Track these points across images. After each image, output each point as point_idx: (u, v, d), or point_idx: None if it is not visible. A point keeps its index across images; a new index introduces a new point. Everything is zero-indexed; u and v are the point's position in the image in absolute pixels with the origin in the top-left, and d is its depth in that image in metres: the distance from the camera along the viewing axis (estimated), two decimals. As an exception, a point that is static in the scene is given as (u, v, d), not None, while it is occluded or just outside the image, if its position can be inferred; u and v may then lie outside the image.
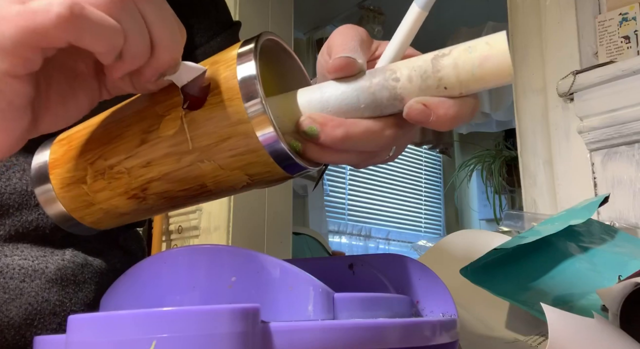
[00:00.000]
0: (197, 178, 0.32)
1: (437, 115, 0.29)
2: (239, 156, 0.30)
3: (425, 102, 0.29)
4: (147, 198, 0.34)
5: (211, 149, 0.30)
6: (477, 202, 3.19)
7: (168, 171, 0.32)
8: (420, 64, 0.30)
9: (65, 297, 0.43)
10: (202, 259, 0.30)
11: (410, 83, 0.30)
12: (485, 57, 0.28)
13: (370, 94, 0.30)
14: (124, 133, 0.33)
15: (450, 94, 0.29)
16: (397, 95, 0.30)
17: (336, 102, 0.31)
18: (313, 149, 0.31)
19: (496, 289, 0.47)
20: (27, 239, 0.43)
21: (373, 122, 0.31)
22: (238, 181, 0.32)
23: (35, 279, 0.42)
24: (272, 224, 1.58)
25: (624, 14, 1.15)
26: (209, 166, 0.31)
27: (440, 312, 0.36)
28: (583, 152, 1.16)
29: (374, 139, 0.31)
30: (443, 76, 0.29)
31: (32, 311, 0.41)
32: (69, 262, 0.44)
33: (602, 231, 0.65)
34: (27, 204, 0.43)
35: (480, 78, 0.29)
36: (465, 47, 0.29)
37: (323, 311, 0.28)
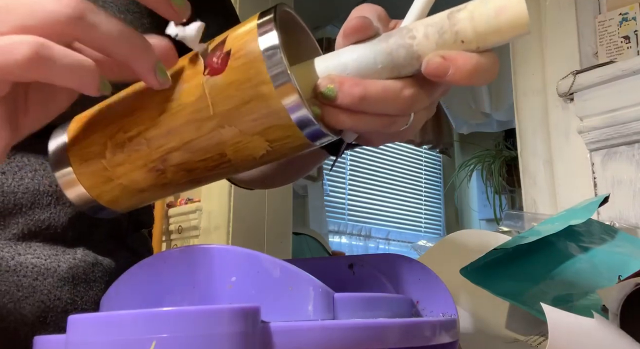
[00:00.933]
0: (217, 146, 0.32)
1: (455, 66, 0.29)
2: (260, 119, 0.30)
3: (444, 54, 0.29)
4: (166, 170, 0.34)
5: (232, 113, 0.30)
6: (477, 202, 3.19)
7: (188, 139, 0.32)
8: (436, 20, 0.30)
9: (76, 295, 0.43)
10: (202, 259, 0.30)
11: (427, 39, 0.30)
12: (501, 7, 0.28)
13: (387, 54, 0.30)
14: (144, 104, 0.33)
15: (467, 47, 0.29)
16: (414, 53, 0.30)
17: (354, 65, 0.31)
18: (331, 112, 0.31)
19: (496, 289, 0.47)
20: (39, 238, 0.43)
21: (391, 82, 0.30)
22: (258, 148, 0.32)
23: (48, 277, 0.42)
24: (272, 224, 1.59)
25: (624, 14, 1.15)
26: (230, 131, 0.31)
27: (440, 312, 0.36)
28: (583, 152, 1.16)
29: (392, 98, 0.30)
30: (459, 30, 0.29)
31: (44, 309, 0.41)
32: (80, 261, 0.44)
33: (602, 231, 0.65)
34: (39, 203, 0.43)
35: (497, 29, 0.28)
36: (479, 0, 0.29)
37: (323, 311, 0.28)
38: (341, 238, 2.76)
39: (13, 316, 0.40)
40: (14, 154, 0.43)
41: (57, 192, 0.44)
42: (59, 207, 0.44)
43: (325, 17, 2.59)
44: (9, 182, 0.42)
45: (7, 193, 0.42)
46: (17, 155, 0.43)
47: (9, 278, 0.40)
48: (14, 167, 0.43)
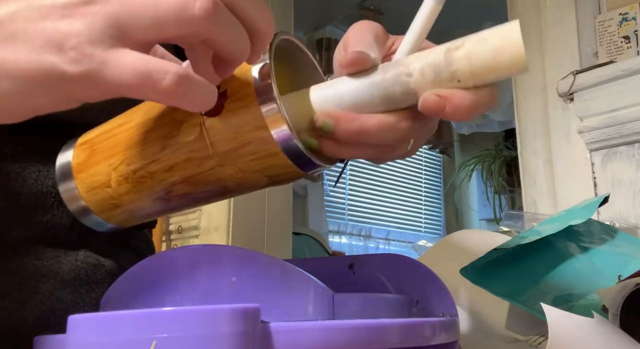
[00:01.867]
0: (219, 181, 0.33)
1: (452, 105, 0.29)
2: (259, 160, 0.31)
3: (440, 93, 0.29)
4: (171, 200, 0.35)
5: (231, 154, 0.31)
6: (477, 202, 3.19)
7: (190, 174, 0.32)
8: (433, 58, 0.29)
9: (78, 297, 0.43)
10: (202, 259, 0.30)
11: (423, 77, 0.29)
12: (499, 49, 0.28)
13: (383, 89, 0.30)
14: (145, 139, 0.33)
15: (464, 86, 0.29)
16: (410, 90, 0.30)
17: (350, 98, 0.31)
18: (330, 145, 0.31)
19: (496, 289, 0.47)
20: (41, 240, 0.43)
21: (387, 116, 0.30)
22: (258, 182, 0.33)
23: (50, 279, 0.42)
24: (272, 224, 1.58)
25: (624, 14, 1.15)
26: (230, 169, 0.32)
27: (440, 312, 0.36)
28: (583, 152, 1.16)
29: (389, 132, 0.30)
30: (456, 70, 0.29)
31: (46, 311, 0.41)
32: (82, 263, 0.44)
33: (602, 231, 0.65)
34: (42, 205, 0.43)
35: (494, 70, 0.28)
36: (478, 38, 0.29)
37: (323, 311, 0.28)
38: (341, 238, 2.76)
39: (15, 318, 0.39)
40: (18, 155, 0.43)
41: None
42: (62, 209, 0.43)
43: (325, 17, 2.59)
44: (12, 183, 0.42)
45: (10, 195, 0.42)
46: (21, 156, 0.43)
47: (10, 280, 0.40)
48: (17, 169, 0.43)
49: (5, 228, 0.42)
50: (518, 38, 0.27)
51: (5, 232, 0.42)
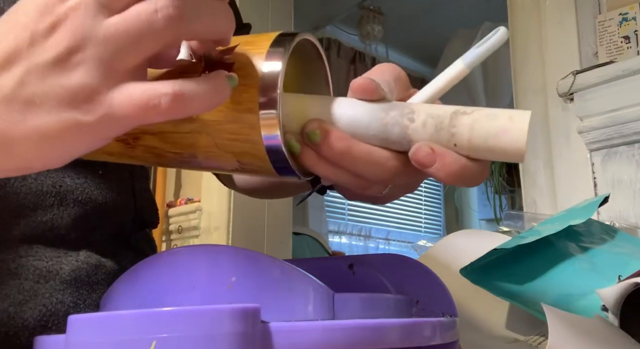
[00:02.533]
0: (191, 147, 0.32)
1: (442, 162, 0.29)
2: (237, 142, 0.31)
3: (434, 147, 0.29)
4: (136, 147, 0.34)
5: (213, 126, 0.30)
6: (477, 202, 3.19)
7: (165, 130, 0.32)
8: (439, 113, 0.30)
9: (79, 298, 0.43)
10: (202, 259, 0.30)
11: (424, 128, 0.29)
12: (503, 130, 0.28)
13: (382, 125, 0.30)
14: None
15: (458, 151, 0.29)
16: (407, 135, 0.30)
17: (347, 120, 0.31)
18: (310, 155, 0.31)
19: (496, 289, 0.47)
20: (41, 240, 0.43)
21: (377, 149, 0.30)
22: (228, 164, 0.33)
23: (50, 280, 0.41)
24: (272, 224, 1.58)
25: (624, 14, 1.15)
26: (206, 140, 0.31)
27: (440, 312, 0.36)
28: (583, 152, 1.16)
29: (374, 165, 0.30)
30: (456, 133, 0.29)
31: (46, 312, 0.40)
32: (83, 263, 0.44)
33: (602, 231, 0.65)
34: (42, 204, 0.43)
35: (491, 148, 0.28)
36: (488, 112, 0.29)
37: (323, 311, 0.28)
38: (341, 238, 2.76)
39: (14, 320, 0.39)
40: None
41: (61, 193, 0.43)
42: (63, 208, 0.43)
43: (325, 17, 2.59)
44: (11, 182, 0.42)
45: (9, 194, 0.42)
46: None
47: (10, 281, 0.40)
48: None
49: (5, 228, 0.41)
50: (524, 126, 0.28)
51: (4, 232, 0.41)
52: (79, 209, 0.44)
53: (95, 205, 0.45)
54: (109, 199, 0.46)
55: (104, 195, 0.46)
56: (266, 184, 0.61)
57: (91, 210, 0.45)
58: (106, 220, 0.47)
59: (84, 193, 0.45)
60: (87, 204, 0.45)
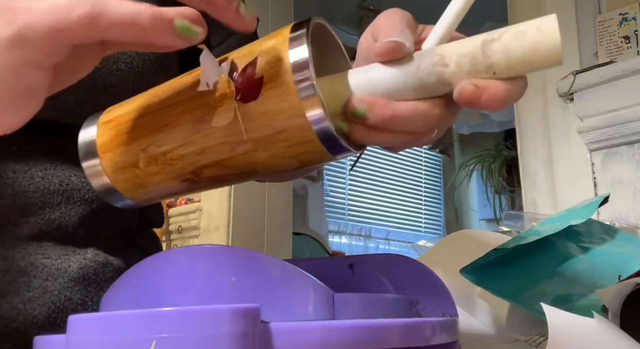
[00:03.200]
0: (251, 165, 0.32)
1: (488, 94, 0.29)
2: (293, 147, 0.31)
3: (476, 82, 0.29)
4: (200, 181, 0.34)
5: (266, 140, 0.31)
6: (477, 202, 3.19)
7: (222, 158, 0.32)
8: (469, 49, 0.29)
9: (87, 296, 0.43)
10: (202, 259, 0.30)
11: (459, 69, 0.29)
12: (537, 44, 0.28)
13: (417, 79, 0.30)
14: (176, 121, 0.33)
15: (498, 77, 0.29)
16: (445, 80, 0.30)
17: (383, 86, 0.31)
18: (360, 131, 0.31)
19: (496, 289, 0.47)
20: (50, 238, 0.43)
21: (421, 103, 0.30)
22: (289, 166, 0.33)
23: (58, 278, 0.42)
24: (272, 224, 1.58)
25: (624, 14, 1.15)
26: (263, 154, 0.32)
27: (440, 312, 0.36)
28: (583, 152, 1.16)
29: (421, 118, 0.31)
30: (493, 62, 0.29)
31: (55, 310, 0.41)
32: (90, 261, 0.44)
33: (602, 231, 0.65)
34: (49, 202, 0.43)
35: (531, 63, 0.29)
36: (516, 32, 0.29)
37: (323, 311, 0.28)
38: (341, 238, 2.76)
39: (23, 317, 0.39)
40: (24, 154, 0.43)
41: (68, 192, 0.44)
42: (70, 207, 0.44)
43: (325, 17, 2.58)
44: (19, 181, 0.42)
45: (17, 192, 0.42)
46: (27, 155, 0.43)
47: (19, 279, 0.40)
48: (24, 166, 0.43)
49: (13, 226, 0.42)
50: (555, 33, 0.28)
51: (13, 230, 0.42)
52: (85, 207, 0.44)
53: (102, 204, 0.45)
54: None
55: None
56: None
57: (97, 208, 0.45)
58: (112, 219, 0.47)
59: (90, 191, 0.45)
60: (93, 202, 0.45)
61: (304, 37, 0.30)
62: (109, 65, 0.44)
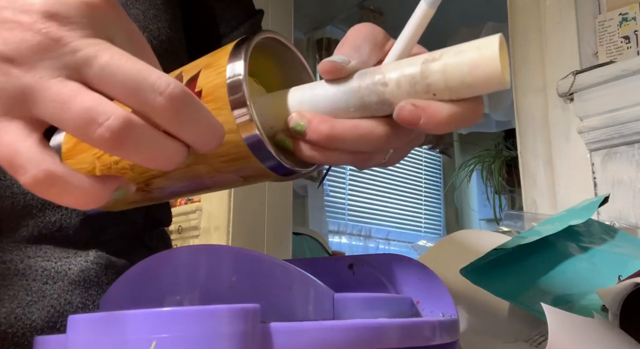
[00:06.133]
0: (196, 177, 0.33)
1: (427, 116, 0.28)
2: (231, 162, 0.31)
3: (415, 103, 0.28)
4: (152, 191, 0.35)
5: (205, 155, 0.31)
6: (477, 202, 3.19)
7: (167, 170, 0.32)
8: (409, 69, 0.29)
9: (88, 299, 0.42)
10: (202, 259, 0.30)
11: (399, 89, 0.29)
12: (475, 64, 0.27)
13: (359, 98, 0.30)
14: None
15: (440, 99, 0.28)
16: (386, 100, 0.29)
17: (325, 104, 0.31)
18: (303, 147, 0.31)
19: (496, 289, 0.47)
20: (50, 240, 0.42)
21: (362, 121, 0.30)
22: (234, 181, 0.34)
23: (58, 281, 0.41)
24: (272, 224, 1.58)
25: (624, 14, 1.15)
26: (205, 168, 0.32)
27: (440, 312, 0.36)
28: (583, 152, 1.16)
29: (363, 138, 0.30)
30: (432, 82, 0.28)
31: (54, 313, 0.40)
32: (92, 263, 0.43)
33: (602, 231, 0.65)
34: (49, 204, 0.42)
35: (470, 85, 0.27)
36: (455, 51, 0.28)
37: (323, 311, 0.28)
38: (341, 238, 2.76)
39: (21, 321, 0.39)
40: None
41: None
42: (70, 209, 0.43)
43: (325, 17, 2.59)
44: (18, 183, 0.42)
45: (16, 194, 0.41)
46: None
47: (17, 282, 0.40)
48: None
49: (13, 228, 0.41)
50: (494, 52, 0.26)
51: (12, 232, 0.41)
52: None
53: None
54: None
55: None
56: None
57: (99, 210, 0.45)
58: (116, 219, 0.47)
59: None
60: None
61: (243, 53, 0.30)
62: None
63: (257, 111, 0.30)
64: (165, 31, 0.48)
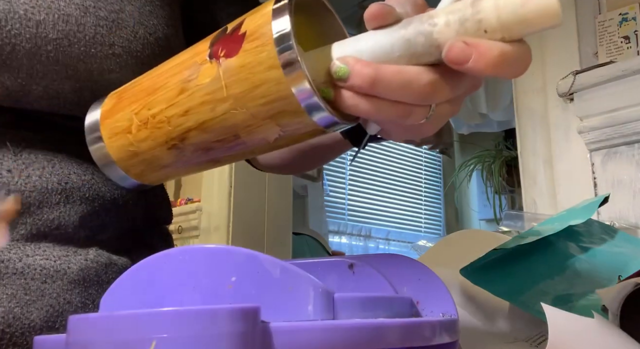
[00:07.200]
0: (231, 128, 0.33)
1: (478, 52, 0.27)
2: (271, 104, 0.30)
3: (466, 40, 0.27)
4: (185, 149, 0.35)
5: (244, 97, 0.31)
6: (477, 202, 3.19)
7: (204, 119, 0.33)
8: (459, 7, 0.28)
9: (87, 298, 0.42)
10: (202, 259, 0.30)
11: (448, 27, 0.28)
12: None
13: (405, 41, 0.29)
14: (167, 83, 0.34)
15: (491, 37, 0.27)
16: (434, 40, 0.28)
17: (370, 51, 0.30)
18: (345, 95, 0.30)
19: (496, 289, 0.47)
20: (49, 239, 0.42)
21: (407, 67, 0.29)
22: (270, 132, 0.32)
23: (57, 280, 0.41)
24: (272, 224, 1.58)
25: (624, 14, 1.15)
26: (242, 114, 0.31)
27: (440, 312, 0.36)
28: (583, 152, 1.16)
29: (407, 83, 0.29)
30: (483, 18, 0.27)
31: (53, 313, 0.40)
32: (92, 262, 0.43)
33: (602, 231, 0.65)
34: (47, 202, 0.42)
35: (524, 19, 0.26)
36: None
37: (323, 311, 0.28)
38: (341, 238, 2.76)
39: (20, 321, 0.38)
40: (20, 151, 0.42)
41: (67, 190, 0.43)
42: (69, 206, 0.43)
43: (325, 17, 2.59)
44: (15, 180, 0.41)
45: (13, 192, 0.41)
46: (24, 152, 0.42)
47: (16, 281, 0.39)
48: (20, 165, 0.42)
49: (11, 226, 0.41)
50: None
51: (10, 231, 0.41)
52: (86, 206, 0.44)
53: (104, 202, 0.45)
54: (117, 196, 0.46)
55: (112, 191, 0.45)
56: (294, 153, 0.60)
57: (99, 207, 0.45)
58: (116, 217, 0.46)
59: (91, 190, 0.44)
60: (94, 201, 0.44)
61: (289, 1, 0.30)
62: (104, 49, 0.43)
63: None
64: (162, 28, 0.48)
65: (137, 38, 0.45)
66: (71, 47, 0.42)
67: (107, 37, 0.43)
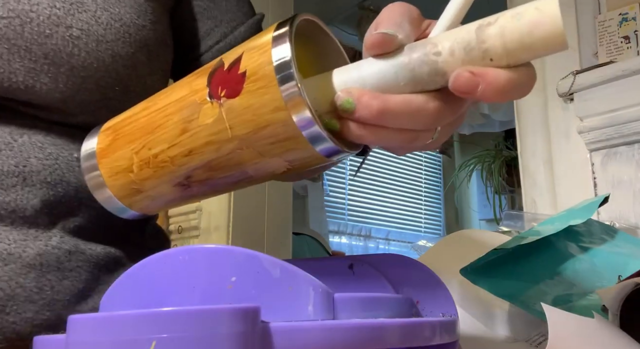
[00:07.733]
0: (238, 165, 0.32)
1: (486, 82, 0.27)
2: (278, 143, 0.30)
3: (472, 70, 0.27)
4: (192, 185, 0.34)
5: (250, 137, 0.30)
6: (477, 202, 3.19)
7: (209, 159, 0.32)
8: (463, 35, 0.28)
9: (45, 284, 0.41)
10: (202, 259, 0.30)
11: (453, 56, 0.28)
12: (535, 24, 0.26)
13: (409, 71, 0.29)
14: (166, 122, 0.33)
15: (496, 65, 0.27)
16: (439, 70, 0.28)
17: (374, 80, 0.29)
18: (352, 127, 0.30)
19: (496, 289, 0.47)
20: (5, 222, 0.41)
21: (414, 96, 0.29)
22: (278, 167, 0.32)
23: (10, 263, 0.40)
24: (272, 224, 1.58)
25: (624, 14, 1.15)
26: (249, 153, 0.31)
27: (440, 312, 0.36)
28: (583, 152, 1.16)
29: (415, 112, 0.29)
30: (489, 47, 0.27)
31: (3, 296, 0.39)
32: (53, 248, 0.42)
33: (602, 231, 0.65)
34: (3, 184, 0.41)
35: (530, 47, 0.26)
36: (512, 14, 0.27)
37: (323, 311, 0.28)
38: (341, 238, 2.76)
39: None
40: None
41: (25, 173, 0.42)
42: (28, 189, 0.42)
43: (325, 17, 2.59)
44: None
45: None
46: None
47: None
48: None
49: None
50: (555, 11, 0.25)
51: None
52: (47, 190, 0.43)
53: (69, 188, 0.44)
54: (84, 182, 0.43)
55: (78, 178, 0.44)
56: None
57: (64, 193, 0.43)
58: (85, 204, 0.45)
59: (53, 174, 0.43)
60: (57, 186, 0.43)
61: (287, 32, 0.29)
62: (61, 30, 0.42)
63: None
64: (130, 17, 0.46)
65: (98, 23, 0.44)
66: (23, 27, 0.41)
67: (63, 19, 0.42)
